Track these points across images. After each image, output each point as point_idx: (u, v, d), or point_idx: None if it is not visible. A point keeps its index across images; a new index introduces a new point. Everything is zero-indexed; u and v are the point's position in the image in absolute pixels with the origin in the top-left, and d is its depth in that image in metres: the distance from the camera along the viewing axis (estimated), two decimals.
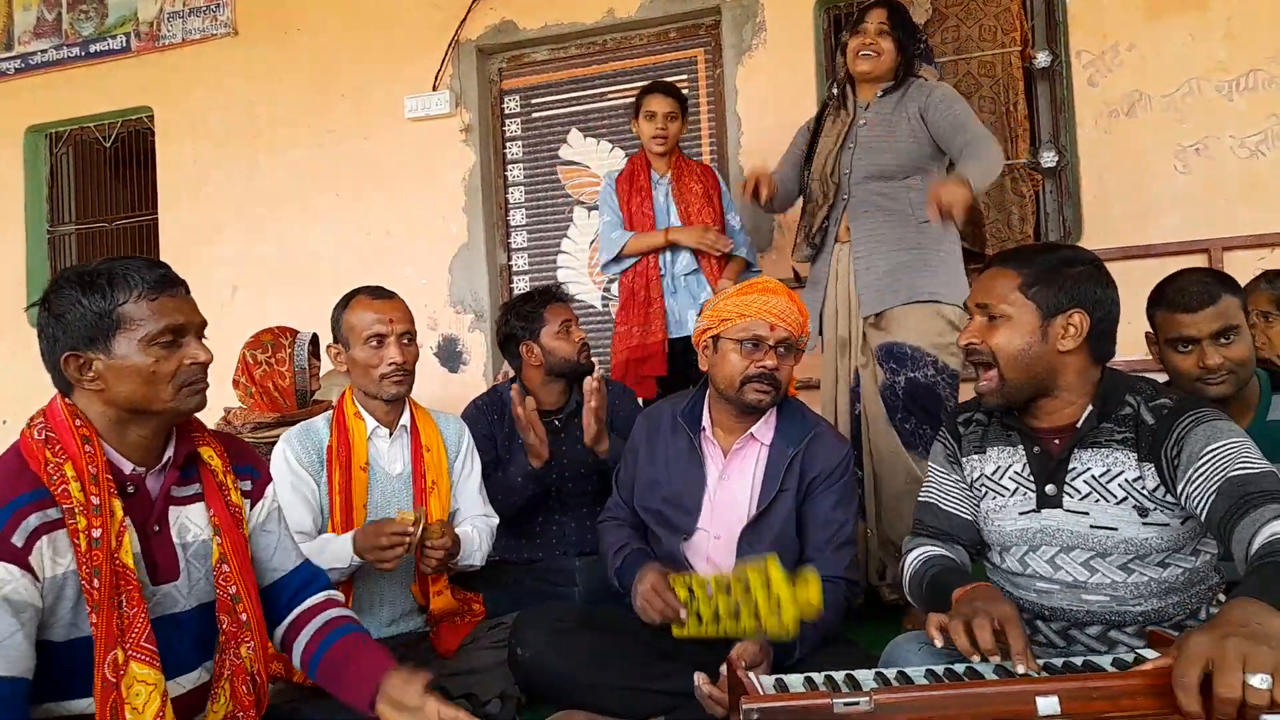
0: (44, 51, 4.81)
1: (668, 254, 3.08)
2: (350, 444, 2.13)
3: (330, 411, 2.20)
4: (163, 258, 4.59)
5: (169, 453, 1.45)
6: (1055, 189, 3.64)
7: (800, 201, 2.84)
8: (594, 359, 2.70)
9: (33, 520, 1.26)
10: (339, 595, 1.68)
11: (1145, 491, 1.44)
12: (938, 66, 2.77)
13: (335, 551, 1.96)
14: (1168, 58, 3.38)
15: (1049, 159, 3.58)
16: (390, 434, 2.18)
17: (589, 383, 2.37)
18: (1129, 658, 1.26)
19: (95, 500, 1.31)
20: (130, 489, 1.39)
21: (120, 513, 1.34)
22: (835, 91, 2.79)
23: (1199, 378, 1.82)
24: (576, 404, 2.59)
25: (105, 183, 5.03)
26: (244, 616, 1.46)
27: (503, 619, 2.16)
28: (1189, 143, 3.35)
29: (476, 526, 2.23)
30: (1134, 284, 3.28)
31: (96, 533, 1.29)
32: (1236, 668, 0.97)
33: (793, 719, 1.08)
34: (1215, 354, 1.79)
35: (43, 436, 1.33)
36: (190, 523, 1.46)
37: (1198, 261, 3.22)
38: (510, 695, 1.95)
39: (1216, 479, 1.32)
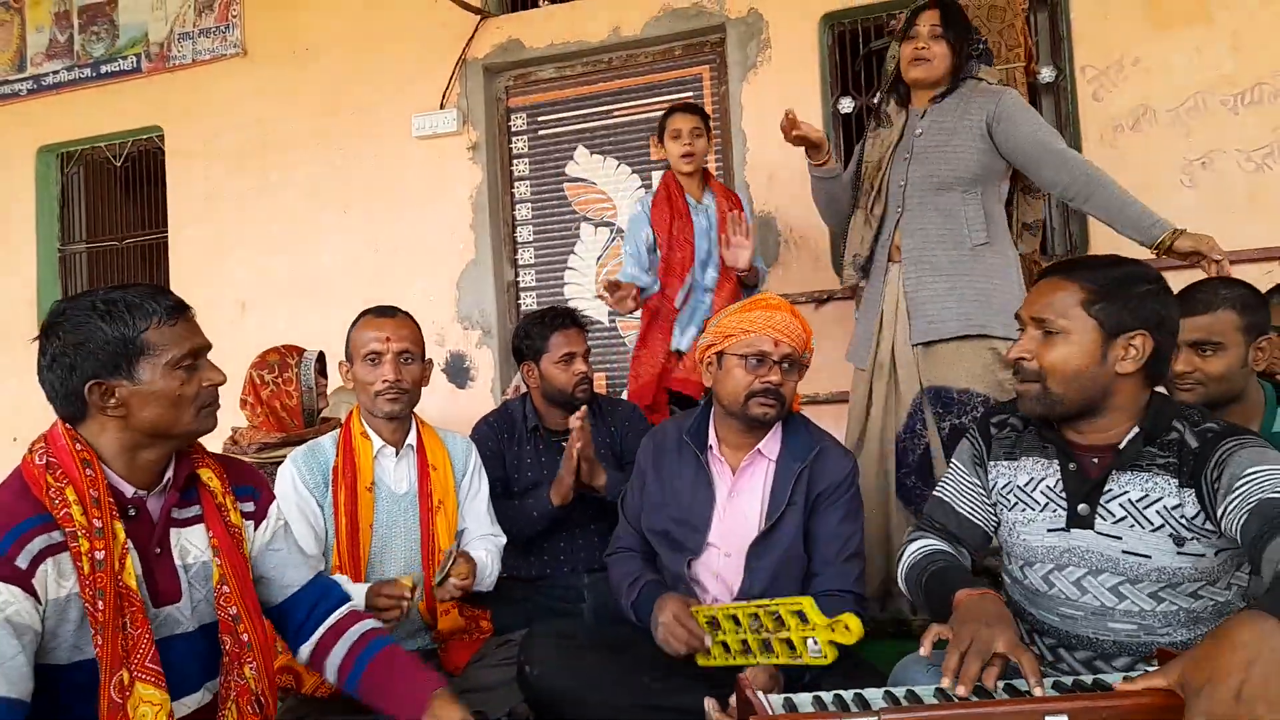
0: (56, 72, 4.87)
1: (696, 275, 3.01)
2: (356, 464, 2.13)
3: (337, 431, 2.20)
4: (173, 276, 4.66)
5: (169, 475, 1.46)
6: (1062, 204, 3.63)
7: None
8: (603, 385, 2.67)
9: (37, 543, 1.27)
10: (360, 606, 1.69)
11: (1185, 520, 1.38)
12: (993, 63, 2.66)
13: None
14: (1172, 72, 3.38)
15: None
16: (396, 453, 2.18)
17: (572, 421, 2.34)
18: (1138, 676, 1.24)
19: (98, 523, 1.31)
20: (131, 512, 1.40)
21: (122, 535, 1.35)
22: (881, 103, 2.66)
23: (1169, 379, 1.86)
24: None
25: (116, 202, 5.07)
26: (245, 637, 1.46)
27: (511, 636, 2.16)
28: (1194, 156, 3.35)
29: (488, 549, 2.23)
30: None
31: (100, 555, 1.30)
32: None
33: None
34: (1186, 362, 1.83)
35: (44, 461, 1.35)
36: (191, 545, 1.47)
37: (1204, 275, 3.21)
38: (519, 713, 1.95)
39: (1254, 499, 1.25)
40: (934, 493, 1.70)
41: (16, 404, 4.75)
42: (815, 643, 1.63)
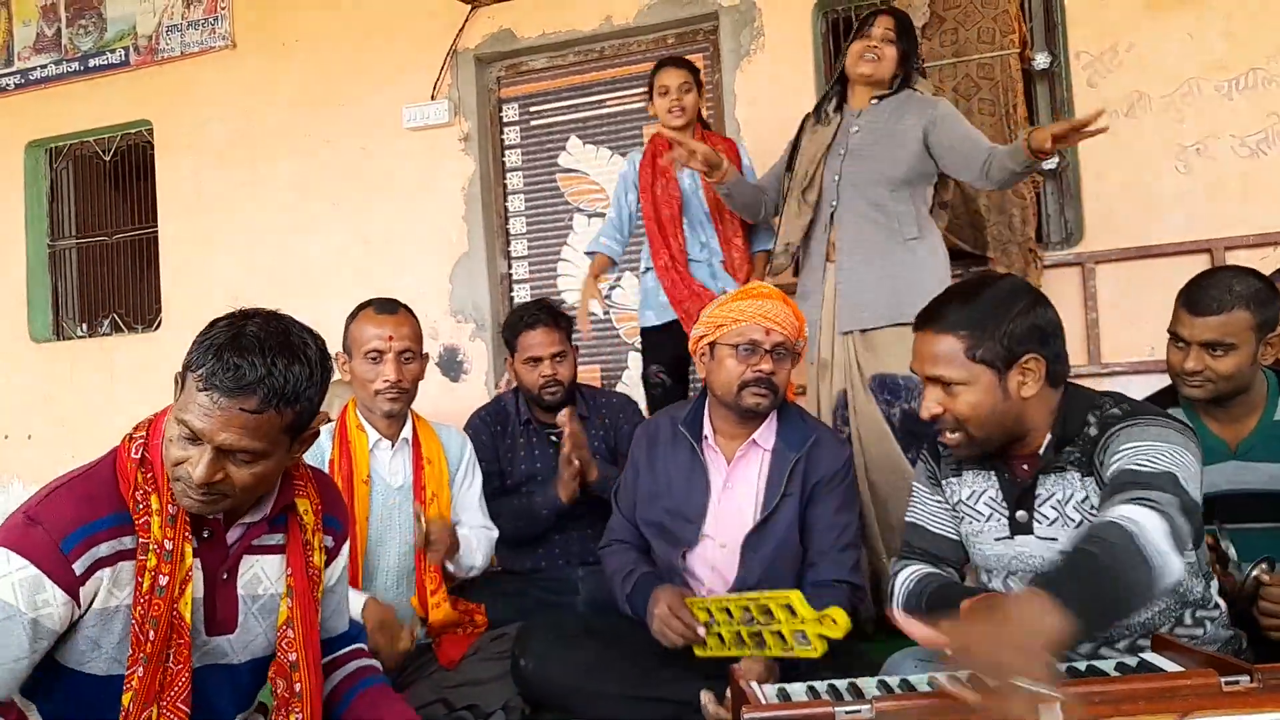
0: (43, 67, 4.82)
1: (701, 237, 2.98)
2: (352, 457, 2.13)
3: (332, 424, 2.19)
4: (163, 271, 4.64)
5: (266, 507, 1.37)
6: (1056, 190, 3.63)
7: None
8: (597, 378, 2.65)
9: (105, 548, 1.21)
10: (365, 646, 1.65)
11: (1094, 510, 1.42)
12: (927, 77, 2.73)
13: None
14: (1167, 57, 3.36)
15: (1049, 161, 3.56)
16: (392, 446, 2.18)
17: (561, 420, 2.33)
18: (1132, 663, 1.24)
19: (169, 544, 1.24)
20: (206, 533, 1.32)
21: (189, 560, 1.27)
22: (824, 100, 2.77)
23: (1178, 374, 1.86)
24: (579, 418, 2.59)
25: (105, 196, 5.03)
26: (298, 686, 1.37)
27: (505, 629, 2.15)
28: (1189, 142, 3.34)
29: (477, 537, 2.23)
30: (1136, 285, 3.32)
31: (163, 579, 1.23)
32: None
33: None
34: (1196, 361, 1.81)
35: (139, 456, 1.27)
36: (264, 575, 1.38)
37: (1200, 262, 3.21)
38: (513, 706, 1.95)
39: (1113, 471, 1.32)
40: (907, 518, 1.72)
41: (3, 401, 4.74)
42: (804, 635, 1.64)
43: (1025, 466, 1.51)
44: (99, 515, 1.22)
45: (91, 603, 1.22)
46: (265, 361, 1.21)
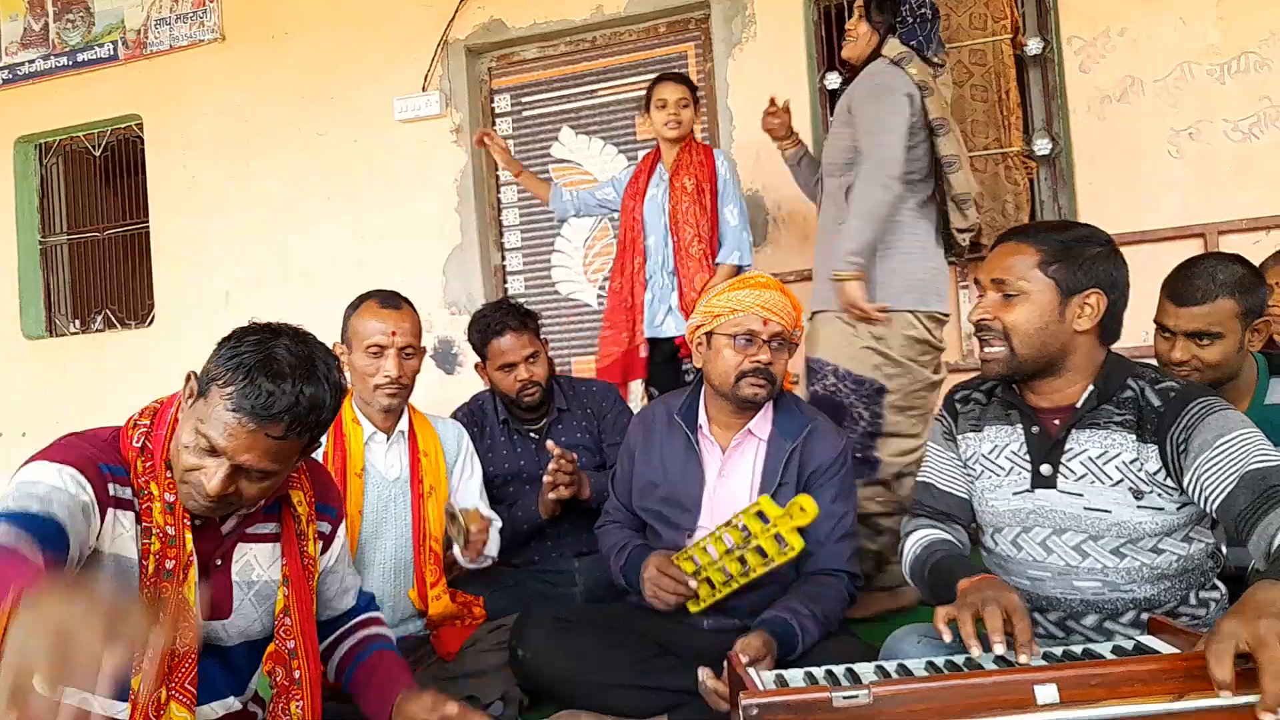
0: (31, 62, 4.79)
1: (657, 254, 3.03)
2: (346, 450, 2.12)
3: None
4: (156, 266, 4.62)
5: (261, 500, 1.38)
6: (1050, 176, 3.63)
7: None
8: (594, 370, 2.68)
9: (113, 489, 1.23)
10: (380, 614, 1.67)
11: (1144, 474, 1.42)
12: (932, 51, 2.57)
13: None
14: (1159, 42, 3.36)
15: (1042, 146, 3.57)
16: (388, 439, 2.17)
17: (552, 461, 2.32)
18: (1129, 645, 1.25)
19: (171, 530, 1.26)
20: (198, 522, 1.33)
21: (190, 546, 1.29)
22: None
23: (1166, 363, 1.87)
24: (559, 411, 2.60)
25: (96, 192, 5.01)
26: (298, 673, 1.40)
27: (503, 620, 2.15)
28: (1182, 127, 3.34)
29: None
30: (1129, 270, 3.31)
31: (169, 564, 1.25)
32: (1276, 644, 0.97)
33: (792, 713, 1.08)
34: (1183, 351, 1.83)
35: (140, 445, 1.28)
36: (256, 562, 1.40)
37: (1193, 247, 3.21)
38: (512, 697, 1.96)
39: (1233, 471, 1.30)
40: (919, 478, 1.72)
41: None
42: (781, 538, 1.66)
43: (1057, 421, 1.51)
44: (112, 463, 1.26)
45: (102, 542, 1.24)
46: (295, 390, 1.22)
